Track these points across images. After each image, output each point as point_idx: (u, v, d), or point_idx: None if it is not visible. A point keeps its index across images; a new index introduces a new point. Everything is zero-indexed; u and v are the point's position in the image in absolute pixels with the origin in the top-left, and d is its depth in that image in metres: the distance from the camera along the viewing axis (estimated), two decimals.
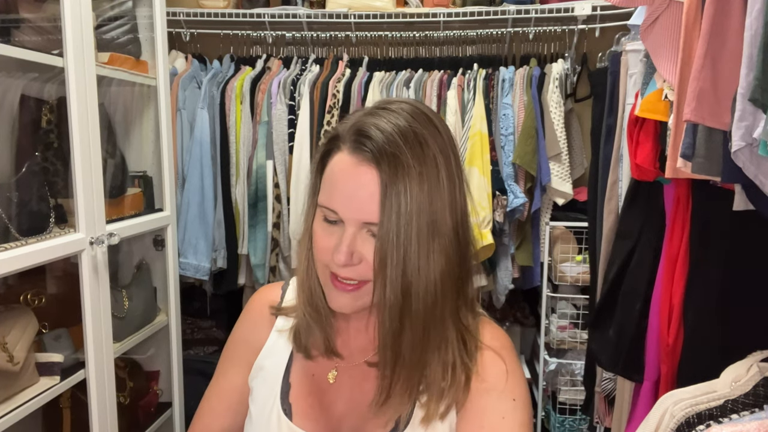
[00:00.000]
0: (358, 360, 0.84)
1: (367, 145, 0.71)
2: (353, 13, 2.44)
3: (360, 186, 0.71)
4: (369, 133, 0.72)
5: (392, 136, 0.71)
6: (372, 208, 0.71)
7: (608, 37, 2.20)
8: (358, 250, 0.73)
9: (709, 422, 0.93)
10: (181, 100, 2.34)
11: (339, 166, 0.73)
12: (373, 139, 0.71)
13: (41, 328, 1.47)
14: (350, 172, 0.72)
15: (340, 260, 0.72)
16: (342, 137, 0.74)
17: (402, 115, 0.74)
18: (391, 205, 0.70)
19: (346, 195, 0.72)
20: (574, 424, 2.41)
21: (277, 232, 2.36)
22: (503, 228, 2.27)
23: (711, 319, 1.26)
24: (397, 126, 0.72)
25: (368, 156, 0.71)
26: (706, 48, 0.97)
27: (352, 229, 0.72)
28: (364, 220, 0.72)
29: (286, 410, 0.83)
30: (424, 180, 0.71)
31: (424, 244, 0.72)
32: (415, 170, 0.71)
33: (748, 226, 1.15)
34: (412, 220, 0.70)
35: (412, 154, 0.71)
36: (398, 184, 0.70)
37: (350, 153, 0.72)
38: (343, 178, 0.72)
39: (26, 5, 1.47)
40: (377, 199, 0.70)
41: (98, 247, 1.49)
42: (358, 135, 0.72)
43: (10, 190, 1.38)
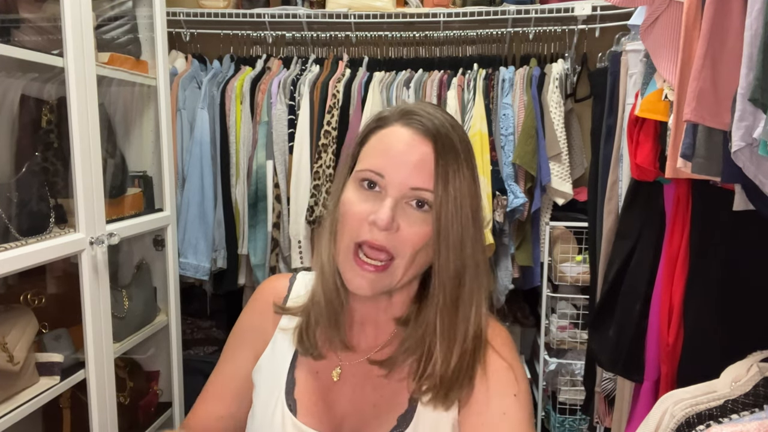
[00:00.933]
0: (361, 357, 0.85)
1: (423, 122, 0.74)
2: (353, 13, 2.44)
3: (413, 152, 0.73)
4: (421, 114, 0.75)
5: (443, 123, 0.75)
6: (423, 175, 0.72)
7: (608, 37, 2.20)
8: (396, 218, 0.73)
9: (709, 422, 0.93)
10: (181, 100, 2.34)
11: (391, 134, 0.75)
12: (426, 119, 0.74)
13: (41, 328, 1.47)
14: (404, 140, 0.74)
15: (384, 219, 0.71)
16: (391, 117, 0.77)
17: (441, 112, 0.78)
18: (447, 179, 0.72)
19: (397, 158, 0.73)
20: (574, 424, 2.41)
21: (277, 232, 2.36)
22: (503, 228, 2.27)
23: (711, 319, 1.26)
24: (445, 117, 0.77)
25: (423, 130, 0.74)
26: (706, 48, 0.97)
27: (395, 194, 0.73)
28: (412, 185, 0.73)
29: (291, 406, 0.83)
30: (470, 168, 0.75)
31: (473, 226, 0.74)
32: (462, 157, 0.74)
33: (748, 226, 1.15)
34: (465, 199, 0.73)
35: (461, 143, 0.75)
36: (451, 162, 0.73)
37: (404, 126, 0.75)
38: (396, 144, 0.74)
39: (26, 5, 1.47)
40: (429, 168, 0.72)
41: (98, 247, 1.49)
42: (411, 114, 0.75)
43: (10, 190, 1.38)
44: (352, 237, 0.75)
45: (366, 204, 0.74)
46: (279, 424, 0.82)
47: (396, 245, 0.73)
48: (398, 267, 0.75)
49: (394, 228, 0.72)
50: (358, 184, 0.75)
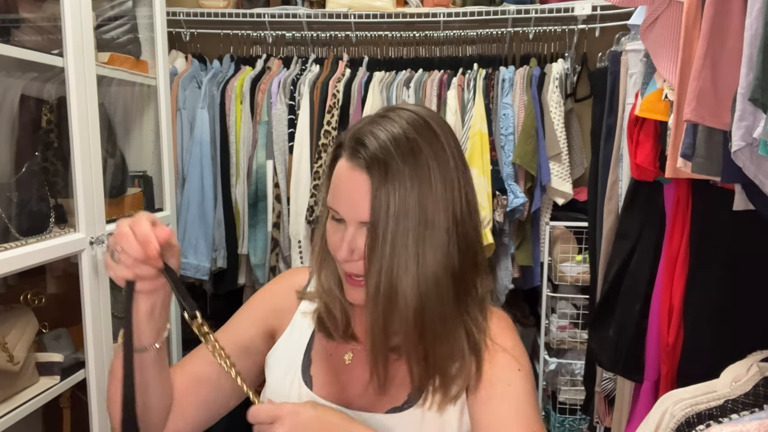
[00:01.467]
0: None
1: (361, 153, 0.79)
2: (353, 13, 2.44)
3: (355, 189, 0.79)
4: (364, 140, 0.80)
5: (385, 143, 0.78)
6: (364, 208, 0.77)
7: (608, 37, 2.20)
8: (358, 247, 0.79)
9: (709, 422, 0.93)
10: (181, 100, 2.34)
11: (340, 171, 0.81)
12: (367, 147, 0.78)
13: (41, 328, 1.47)
14: (347, 177, 0.80)
15: (341, 256, 0.80)
16: (344, 145, 0.82)
17: (398, 122, 0.81)
18: (380, 205, 0.76)
19: (345, 197, 0.80)
20: (574, 424, 2.41)
21: (277, 232, 2.36)
22: (503, 228, 2.27)
23: (711, 319, 1.26)
24: (392, 133, 0.79)
25: (361, 162, 0.78)
26: (706, 48, 0.97)
27: (351, 228, 0.80)
28: (359, 220, 0.79)
29: (307, 381, 0.89)
30: (414, 183, 0.77)
31: (413, 242, 0.77)
32: (405, 174, 0.77)
33: (748, 226, 1.15)
34: (399, 219, 0.76)
35: (403, 160, 0.77)
36: (387, 186, 0.76)
37: (347, 159, 0.80)
38: (342, 182, 0.81)
39: (26, 5, 1.47)
40: (368, 200, 0.77)
41: (98, 247, 1.49)
42: (355, 143, 0.80)
43: (10, 190, 1.38)
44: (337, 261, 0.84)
45: (336, 236, 0.82)
46: (296, 397, 0.88)
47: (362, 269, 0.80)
48: None
49: (356, 257, 0.80)
50: (331, 215, 0.83)
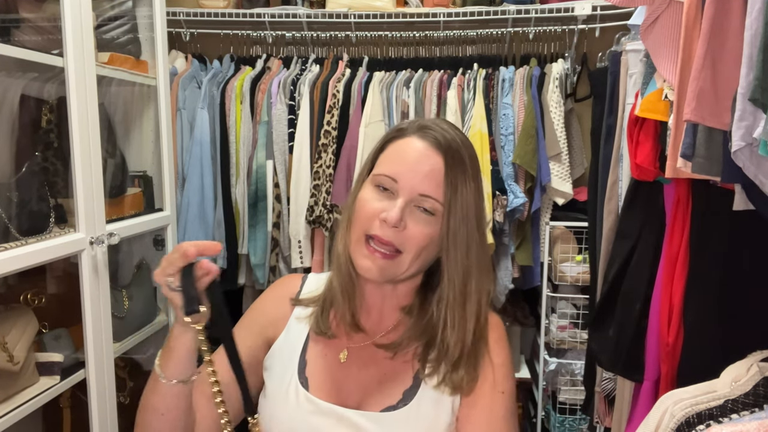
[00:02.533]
0: (367, 340, 0.93)
1: (436, 137, 0.84)
2: (353, 13, 2.44)
3: (425, 162, 0.83)
4: (435, 129, 0.85)
5: (454, 139, 0.85)
6: (432, 184, 0.82)
7: (608, 37, 2.20)
8: (404, 218, 0.83)
9: (709, 422, 0.93)
10: (181, 100, 2.34)
11: (407, 144, 0.85)
12: (439, 134, 0.85)
13: (41, 328, 1.47)
14: (418, 150, 0.84)
15: (393, 217, 0.81)
16: (408, 129, 0.87)
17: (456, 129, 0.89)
18: (456, 188, 0.82)
19: (410, 166, 0.83)
20: (574, 424, 2.41)
21: (277, 232, 2.36)
22: (503, 228, 2.27)
23: (711, 319, 1.26)
24: (458, 134, 0.87)
25: (435, 143, 0.84)
26: (706, 48, 0.97)
27: (406, 197, 0.83)
28: (421, 192, 0.83)
29: (303, 383, 0.91)
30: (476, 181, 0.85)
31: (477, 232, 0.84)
32: (470, 171, 0.84)
33: (748, 226, 1.15)
34: (471, 208, 0.83)
35: (469, 158, 0.85)
36: (459, 174, 0.83)
37: (419, 138, 0.85)
38: (410, 153, 0.84)
39: (26, 5, 1.47)
40: (438, 178, 0.82)
41: (98, 247, 1.49)
42: (426, 128, 0.86)
43: (10, 190, 1.38)
44: (364, 230, 0.85)
45: (379, 203, 0.84)
46: (293, 399, 0.90)
47: (403, 241, 0.83)
48: (404, 260, 0.85)
49: (401, 226, 0.82)
50: (374, 185, 0.86)
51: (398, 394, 0.88)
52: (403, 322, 0.93)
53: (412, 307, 0.92)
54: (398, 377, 0.89)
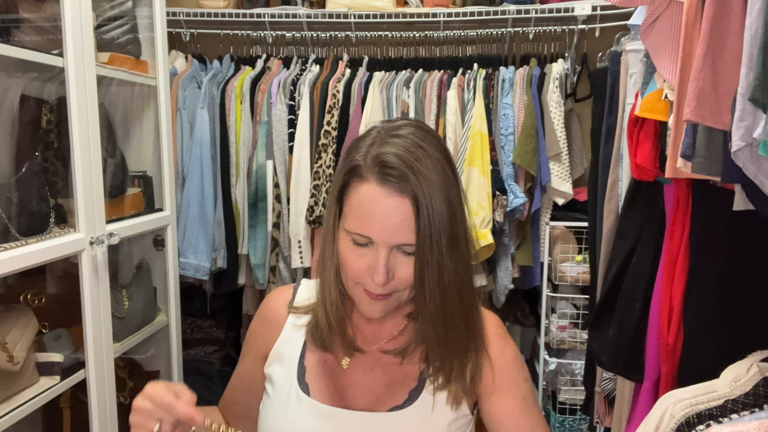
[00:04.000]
0: (370, 347, 0.92)
1: (393, 176, 0.79)
2: (353, 13, 2.44)
3: (393, 214, 0.79)
4: (390, 163, 0.79)
5: (410, 162, 0.79)
6: (405, 231, 0.79)
7: (608, 37, 2.20)
8: (392, 267, 0.81)
9: (709, 422, 0.93)
10: (181, 100, 2.34)
11: (369, 196, 0.80)
12: (396, 168, 0.79)
13: (41, 328, 1.47)
14: (382, 202, 0.79)
15: (380, 281, 0.80)
16: (363, 168, 0.81)
17: (409, 138, 0.82)
18: (424, 226, 0.78)
19: (382, 223, 0.79)
20: (574, 424, 2.41)
21: (277, 232, 2.36)
22: (503, 228, 2.27)
23: (711, 319, 1.26)
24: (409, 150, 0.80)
25: (396, 186, 0.79)
26: (706, 48, 0.97)
27: (385, 251, 0.81)
28: (398, 243, 0.80)
29: (304, 389, 0.90)
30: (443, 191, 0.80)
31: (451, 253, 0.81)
32: (435, 185, 0.79)
33: (748, 226, 1.15)
34: (441, 235, 0.79)
35: (429, 170, 0.79)
36: (426, 205, 0.78)
37: (378, 185, 0.79)
38: (376, 208, 0.80)
39: (26, 5, 1.47)
40: (410, 223, 0.79)
41: (98, 247, 1.49)
42: (382, 166, 0.79)
43: (10, 190, 1.38)
44: (355, 281, 0.85)
45: (361, 260, 0.82)
46: (294, 405, 0.89)
47: (394, 287, 0.83)
48: (402, 296, 0.86)
49: (390, 278, 0.82)
50: (350, 240, 0.83)
51: (405, 394, 0.88)
52: (408, 327, 0.93)
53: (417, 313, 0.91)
54: (405, 379, 0.90)
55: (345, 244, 0.84)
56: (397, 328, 0.93)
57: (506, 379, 0.91)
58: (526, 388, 0.93)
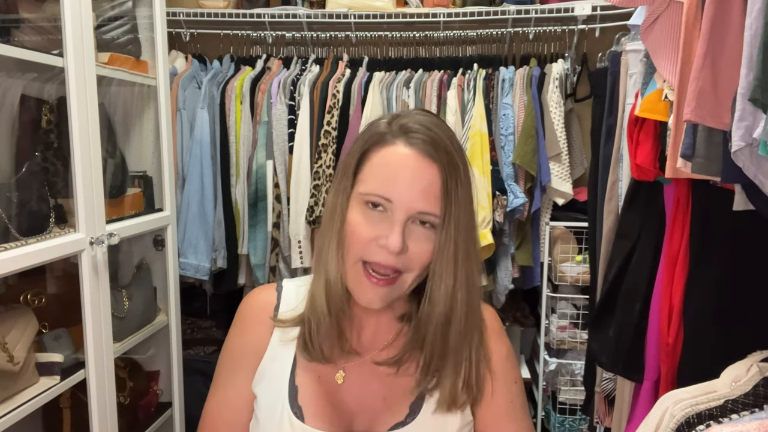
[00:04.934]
0: (364, 357, 0.86)
1: (425, 141, 0.74)
2: (353, 13, 2.44)
3: (421, 178, 0.74)
4: (419, 130, 0.75)
5: (442, 139, 0.76)
6: (430, 199, 0.74)
7: (608, 37, 2.20)
8: (404, 240, 0.75)
9: (709, 422, 0.93)
10: (181, 100, 2.34)
11: (395, 156, 0.75)
12: (427, 136, 0.75)
13: (41, 328, 1.47)
14: (410, 164, 0.74)
15: (396, 246, 0.73)
16: (389, 134, 0.76)
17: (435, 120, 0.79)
18: (452, 199, 0.74)
19: (407, 183, 0.74)
20: (574, 424, 2.41)
21: (277, 232, 2.36)
22: (503, 228, 2.27)
23: (711, 319, 1.26)
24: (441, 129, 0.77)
25: (426, 151, 0.74)
26: (706, 48, 0.97)
27: (403, 218, 0.74)
28: (419, 210, 0.74)
29: (297, 413, 0.83)
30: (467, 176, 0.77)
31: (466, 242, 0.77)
32: (461, 169, 0.76)
33: (748, 226, 1.15)
34: (462, 218, 0.75)
35: (458, 154, 0.77)
36: (455, 182, 0.74)
37: (407, 146, 0.75)
38: (402, 169, 0.74)
39: (26, 5, 1.47)
40: (436, 192, 0.74)
41: (98, 247, 1.49)
42: (410, 131, 0.75)
43: (10, 190, 1.38)
44: (359, 256, 0.77)
45: (373, 227, 0.75)
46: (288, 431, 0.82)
47: (405, 263, 0.76)
48: (406, 280, 0.78)
49: (403, 249, 0.75)
50: (363, 204, 0.76)
51: (405, 409, 0.83)
52: (402, 332, 0.86)
53: (410, 315, 0.86)
54: (404, 391, 0.83)
55: (357, 211, 0.77)
56: (390, 332, 0.87)
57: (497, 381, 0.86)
58: (515, 390, 0.88)
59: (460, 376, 0.82)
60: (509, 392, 0.87)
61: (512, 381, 0.88)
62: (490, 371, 0.86)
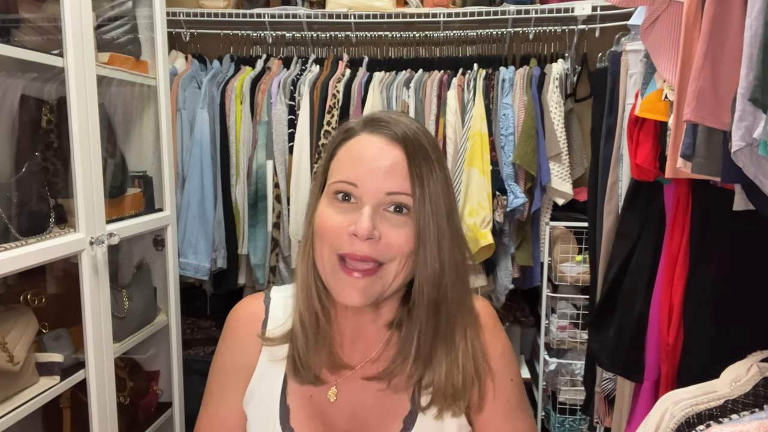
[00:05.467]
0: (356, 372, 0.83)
1: (385, 126, 0.74)
2: (353, 13, 2.44)
3: (385, 157, 0.72)
4: (387, 120, 0.74)
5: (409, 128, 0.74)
6: (397, 179, 0.71)
7: (608, 37, 2.20)
8: (377, 226, 0.72)
9: (709, 422, 0.93)
10: (181, 100, 2.34)
11: (360, 143, 0.74)
12: (393, 125, 0.74)
13: (41, 328, 1.47)
14: (374, 147, 0.73)
15: (364, 228, 0.70)
16: (356, 127, 0.76)
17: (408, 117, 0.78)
18: (422, 179, 0.71)
19: (369, 165, 0.72)
20: (574, 424, 2.41)
21: (277, 232, 2.36)
22: (503, 228, 2.27)
23: (711, 319, 1.26)
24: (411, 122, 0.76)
25: (391, 135, 0.73)
26: (706, 48, 0.97)
27: (372, 202, 0.72)
28: (388, 190, 0.72)
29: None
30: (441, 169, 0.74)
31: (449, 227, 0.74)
32: (433, 158, 0.73)
33: (748, 226, 1.15)
34: (440, 199, 0.72)
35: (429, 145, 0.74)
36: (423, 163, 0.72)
37: (371, 134, 0.74)
38: (365, 151, 0.73)
39: (26, 5, 1.47)
40: (402, 171, 0.72)
41: (98, 247, 1.49)
42: (376, 122, 0.74)
43: (10, 190, 1.38)
44: (333, 250, 0.74)
45: (343, 216, 0.73)
46: None
47: (382, 252, 0.73)
48: (389, 271, 0.74)
49: (376, 236, 0.72)
50: (332, 197, 0.74)
51: (399, 423, 0.80)
52: (391, 339, 0.82)
53: (399, 321, 0.81)
54: (396, 404, 0.81)
55: (325, 205, 0.75)
56: (379, 341, 0.83)
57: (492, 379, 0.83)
58: (511, 388, 0.84)
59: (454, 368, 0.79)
60: (505, 391, 0.84)
61: (508, 379, 0.84)
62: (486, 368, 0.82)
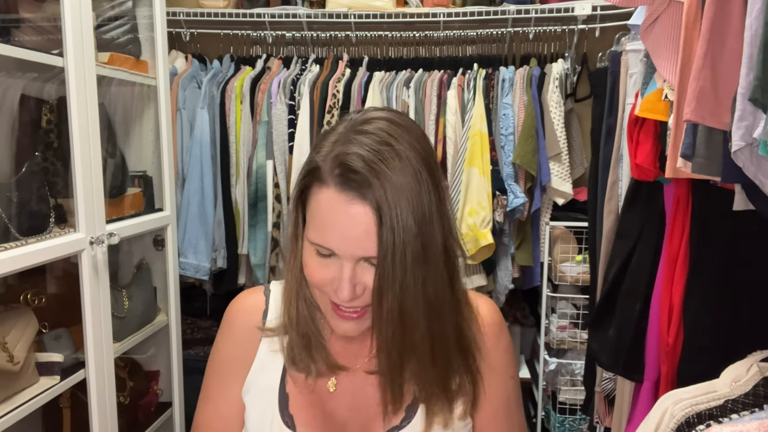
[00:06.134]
0: (355, 365, 0.84)
1: (355, 180, 0.69)
2: (353, 13, 2.44)
3: (355, 224, 0.70)
4: (352, 165, 0.70)
5: (374, 163, 0.69)
6: (368, 243, 0.70)
7: (608, 37, 2.20)
8: (359, 280, 0.73)
9: (709, 422, 0.93)
10: (181, 100, 2.34)
11: (328, 204, 0.72)
12: (358, 172, 0.69)
13: (41, 328, 1.47)
14: (342, 211, 0.70)
15: (345, 296, 0.72)
16: (323, 170, 0.72)
17: (378, 135, 0.72)
18: (387, 239, 0.69)
19: (342, 234, 0.71)
20: (574, 424, 2.41)
21: (277, 232, 2.36)
22: (503, 228, 2.27)
23: (711, 319, 1.26)
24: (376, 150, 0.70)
25: (357, 193, 0.69)
26: (706, 48, 0.97)
27: (350, 264, 0.72)
28: (361, 256, 0.72)
29: (288, 422, 0.81)
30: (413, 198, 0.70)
31: (419, 269, 0.71)
32: (403, 191, 0.69)
33: (748, 226, 1.15)
34: (406, 249, 0.70)
35: (396, 173, 0.70)
36: (390, 213, 0.69)
37: (338, 191, 0.70)
38: (335, 217, 0.71)
39: (26, 5, 1.47)
40: (373, 234, 0.70)
41: (98, 247, 1.49)
42: (343, 169, 0.70)
43: (10, 190, 1.38)
44: (324, 296, 0.77)
45: (326, 271, 0.74)
46: None
47: (367, 299, 0.74)
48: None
49: (358, 292, 0.73)
50: (313, 250, 0.75)
51: (401, 412, 0.80)
52: None
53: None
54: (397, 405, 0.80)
55: (309, 254, 0.76)
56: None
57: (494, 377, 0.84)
58: (510, 386, 0.87)
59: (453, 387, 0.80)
60: (506, 388, 0.86)
61: (509, 376, 0.87)
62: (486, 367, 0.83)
